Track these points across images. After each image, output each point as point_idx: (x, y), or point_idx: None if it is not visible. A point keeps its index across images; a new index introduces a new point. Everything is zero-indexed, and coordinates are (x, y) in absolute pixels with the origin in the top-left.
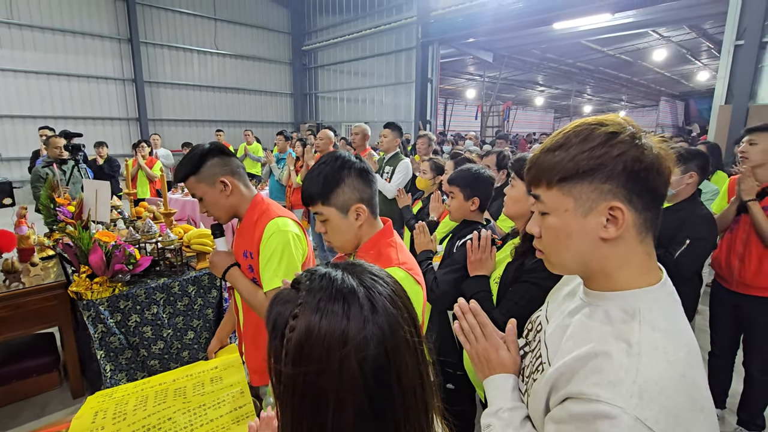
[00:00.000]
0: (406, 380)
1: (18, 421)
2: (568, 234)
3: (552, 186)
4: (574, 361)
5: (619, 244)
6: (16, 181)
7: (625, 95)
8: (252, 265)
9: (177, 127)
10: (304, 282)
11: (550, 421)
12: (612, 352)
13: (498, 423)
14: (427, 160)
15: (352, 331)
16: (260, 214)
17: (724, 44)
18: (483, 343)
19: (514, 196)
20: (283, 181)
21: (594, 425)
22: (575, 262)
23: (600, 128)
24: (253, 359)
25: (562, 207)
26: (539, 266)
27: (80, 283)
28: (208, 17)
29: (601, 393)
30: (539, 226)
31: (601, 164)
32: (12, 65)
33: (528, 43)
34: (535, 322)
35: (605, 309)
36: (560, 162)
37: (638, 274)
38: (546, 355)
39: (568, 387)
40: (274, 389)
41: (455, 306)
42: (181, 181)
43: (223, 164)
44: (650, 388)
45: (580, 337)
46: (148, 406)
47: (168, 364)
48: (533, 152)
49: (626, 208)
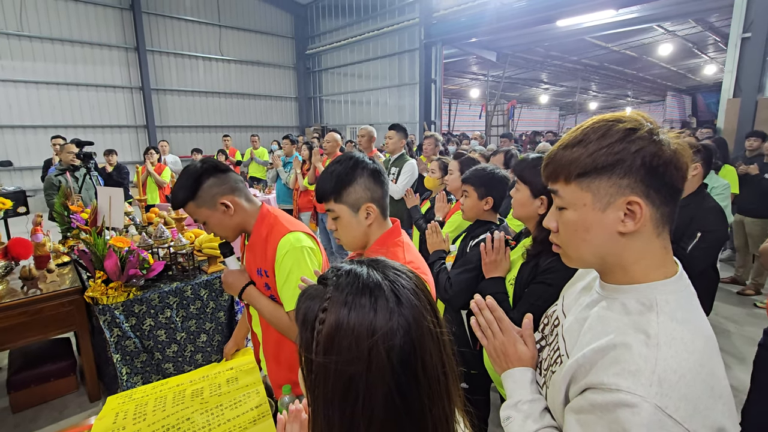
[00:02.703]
0: (430, 368)
1: (37, 424)
2: (586, 228)
3: (570, 181)
4: (593, 352)
5: (636, 238)
6: (29, 189)
7: (630, 91)
8: (268, 284)
9: (185, 133)
10: (331, 278)
11: (570, 411)
12: (631, 342)
13: (518, 415)
14: (435, 160)
15: (379, 323)
16: (269, 230)
17: (731, 37)
18: (500, 337)
19: (519, 199)
20: (290, 184)
21: (614, 414)
22: (593, 255)
23: (618, 124)
24: (276, 375)
25: (580, 202)
26: (554, 267)
27: (96, 288)
28: (213, 24)
29: (621, 382)
30: (556, 221)
31: (619, 160)
32: (23, 76)
33: (531, 41)
34: (552, 317)
35: (622, 302)
36: (579, 158)
37: (655, 267)
38: (564, 348)
39: (588, 378)
40: (305, 380)
41: (472, 302)
42: (179, 207)
43: (221, 183)
44: (669, 377)
45: (598, 330)
46: (167, 407)
47: (182, 367)
48: (538, 150)
49: (644, 203)
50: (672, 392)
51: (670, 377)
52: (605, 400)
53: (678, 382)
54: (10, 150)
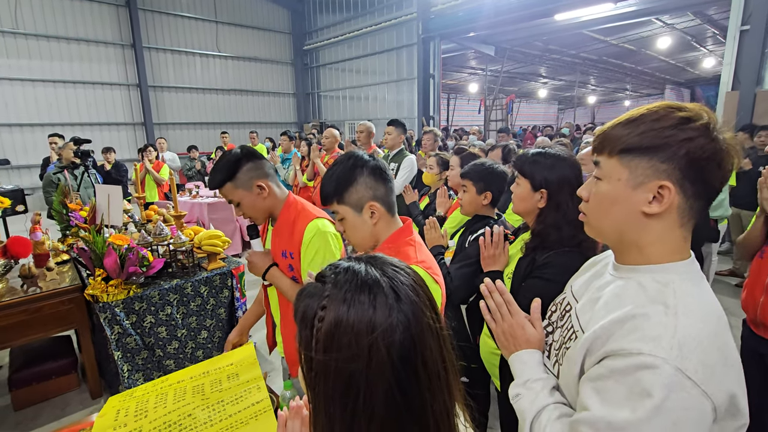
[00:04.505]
0: (430, 364)
1: (39, 421)
2: (612, 201)
3: (613, 155)
4: (611, 323)
5: (658, 221)
6: (27, 188)
7: (629, 84)
8: (292, 265)
9: (182, 130)
10: (329, 275)
11: (586, 380)
12: (650, 313)
13: (527, 393)
14: (433, 155)
15: (379, 319)
16: (297, 215)
17: (729, 30)
18: (509, 320)
19: (519, 194)
20: (289, 180)
21: (635, 376)
22: (612, 229)
23: (677, 112)
24: (293, 353)
25: (616, 176)
26: (551, 262)
27: (96, 286)
28: (210, 20)
29: (642, 346)
30: (589, 191)
31: (665, 144)
32: (19, 74)
33: (530, 36)
34: (561, 304)
35: (638, 281)
36: (628, 135)
37: (670, 252)
38: (578, 324)
39: (606, 347)
40: (306, 377)
41: (481, 286)
42: (216, 188)
43: (257, 168)
44: (688, 342)
45: (614, 304)
46: (168, 404)
47: (183, 364)
48: (537, 146)
49: (675, 190)
50: (691, 356)
51: (689, 342)
52: (625, 363)
53: (696, 348)
54: (7, 148)
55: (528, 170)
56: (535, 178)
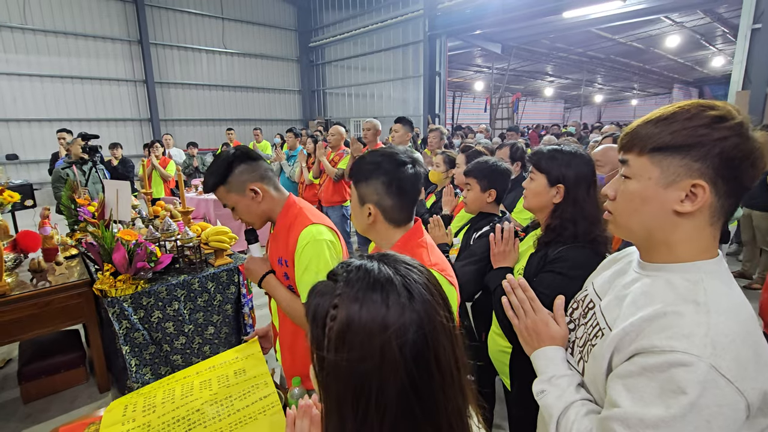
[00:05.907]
0: (444, 363)
1: (48, 414)
2: (643, 200)
3: (643, 153)
4: (641, 320)
5: (690, 220)
6: (36, 183)
7: (636, 83)
8: (288, 273)
9: (188, 126)
10: (341, 273)
11: (615, 378)
12: (682, 311)
13: (552, 389)
14: (440, 153)
15: (391, 318)
16: (293, 220)
17: (740, 28)
18: (532, 316)
19: (533, 189)
20: (295, 177)
21: (668, 373)
22: (641, 227)
23: (709, 111)
24: (290, 366)
25: (646, 174)
26: (563, 256)
27: (104, 280)
28: (216, 17)
29: (675, 344)
30: (615, 190)
31: (699, 143)
32: (27, 70)
33: (537, 33)
34: (584, 301)
35: (667, 279)
36: (659, 133)
37: (699, 250)
38: (605, 322)
39: (636, 344)
40: (317, 376)
41: (504, 282)
42: (210, 191)
43: (251, 170)
44: (721, 340)
45: (643, 302)
46: (176, 399)
47: (190, 359)
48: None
49: (709, 190)
50: (725, 354)
51: (722, 340)
52: (658, 361)
53: (729, 345)
54: (15, 143)
55: (545, 165)
56: (552, 174)
